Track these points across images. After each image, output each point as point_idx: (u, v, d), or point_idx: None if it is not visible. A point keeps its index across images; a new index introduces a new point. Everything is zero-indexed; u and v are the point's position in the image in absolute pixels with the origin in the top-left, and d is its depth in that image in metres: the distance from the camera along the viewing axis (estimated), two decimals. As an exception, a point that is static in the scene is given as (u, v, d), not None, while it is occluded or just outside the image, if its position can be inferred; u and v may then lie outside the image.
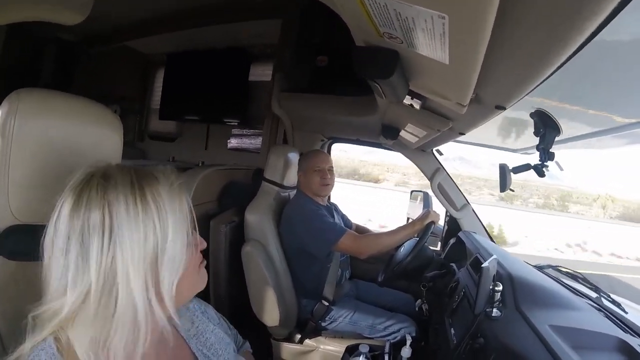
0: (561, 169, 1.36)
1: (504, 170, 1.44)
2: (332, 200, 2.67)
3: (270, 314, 1.97)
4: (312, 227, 1.98)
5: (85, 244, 0.62)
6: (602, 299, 1.51)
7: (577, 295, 1.51)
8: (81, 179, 0.66)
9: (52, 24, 1.69)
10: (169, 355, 0.79)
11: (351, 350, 1.69)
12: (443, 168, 2.42)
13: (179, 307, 0.77)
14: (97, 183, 0.65)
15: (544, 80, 0.75)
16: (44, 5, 1.60)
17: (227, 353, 0.93)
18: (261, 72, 3.34)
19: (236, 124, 3.46)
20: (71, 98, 0.91)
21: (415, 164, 2.49)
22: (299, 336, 2.09)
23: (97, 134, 0.94)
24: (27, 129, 0.81)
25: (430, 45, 0.63)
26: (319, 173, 2.16)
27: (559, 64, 0.64)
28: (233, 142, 3.53)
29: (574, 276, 1.74)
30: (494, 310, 1.24)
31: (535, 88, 0.80)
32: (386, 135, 1.99)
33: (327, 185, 2.19)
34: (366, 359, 1.51)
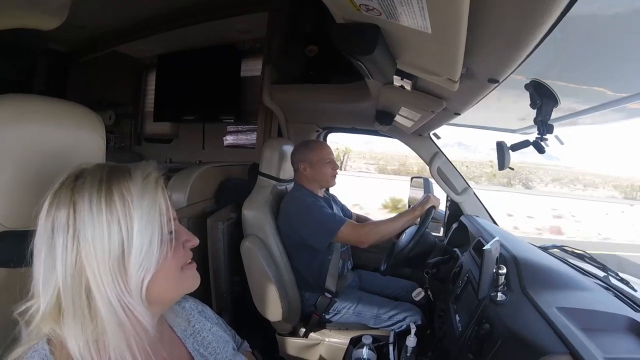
0: (561, 143, 1.32)
1: (502, 148, 1.40)
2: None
3: (273, 309, 1.94)
4: (311, 218, 1.95)
5: (52, 244, 0.62)
6: (610, 278, 1.47)
7: (584, 274, 1.47)
8: (60, 181, 0.67)
9: (42, 35, 1.66)
10: (163, 355, 0.77)
11: (355, 342, 1.66)
12: (441, 152, 2.38)
13: (162, 309, 0.76)
14: (68, 183, 0.66)
15: (534, 49, 0.71)
16: (19, 12, 1.57)
17: (225, 351, 0.91)
18: (252, 67, 3.34)
19: (231, 120, 3.44)
20: (49, 101, 0.89)
21: (413, 149, 2.44)
22: (303, 330, 2.07)
23: (78, 136, 0.92)
24: (7, 136, 0.80)
25: (408, 12, 0.59)
26: (330, 164, 2.14)
27: (545, 30, 0.62)
28: (229, 139, 3.51)
29: (580, 255, 1.71)
30: (499, 294, 1.20)
31: (526, 58, 0.76)
32: (381, 121, 1.95)
33: (335, 176, 2.18)
34: (369, 350, 1.48)
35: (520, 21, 0.61)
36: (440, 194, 2.18)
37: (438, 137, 2.39)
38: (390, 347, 1.60)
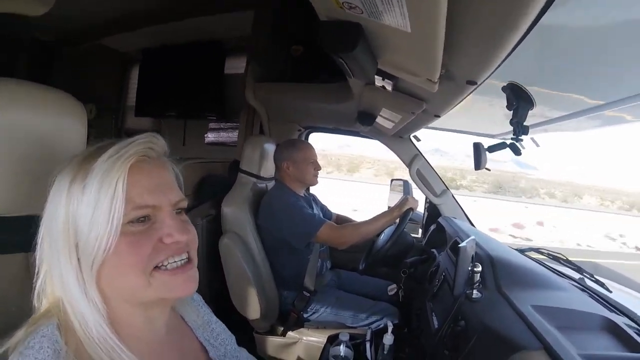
0: (537, 145, 1.36)
1: (478, 149, 1.44)
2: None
3: (251, 307, 1.94)
4: (291, 218, 1.96)
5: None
6: (586, 280, 1.51)
7: (560, 276, 1.51)
8: None
9: (26, 23, 1.62)
10: (177, 345, 0.77)
11: (332, 340, 1.67)
12: (421, 154, 2.41)
13: (148, 308, 0.69)
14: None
15: (512, 51, 0.73)
16: None
17: (232, 343, 0.92)
18: (237, 65, 3.31)
19: (213, 118, 3.42)
20: (29, 86, 0.85)
21: (393, 151, 2.47)
22: (281, 329, 2.06)
23: (59, 123, 0.88)
24: None
25: (389, 10, 0.61)
26: (313, 164, 2.16)
27: (521, 33, 0.64)
28: (210, 137, 3.50)
29: (556, 258, 1.74)
30: (474, 292, 1.22)
31: (504, 61, 0.79)
32: (362, 121, 1.97)
33: (317, 175, 2.20)
34: (347, 347, 1.49)
35: (497, 23, 0.62)
36: (419, 196, 2.21)
37: (418, 140, 2.43)
38: (367, 345, 1.62)
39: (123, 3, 3.04)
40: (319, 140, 3.11)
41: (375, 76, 1.12)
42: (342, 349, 1.48)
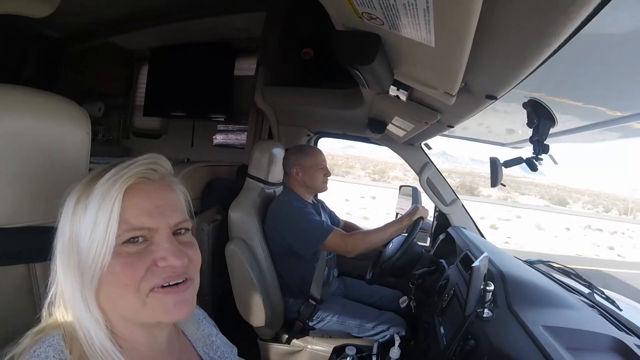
0: (555, 163, 1.32)
1: (495, 164, 1.40)
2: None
3: (256, 314, 1.92)
4: (298, 225, 1.94)
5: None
6: (595, 295, 1.47)
7: (570, 291, 1.47)
8: None
9: (34, 19, 1.61)
10: (176, 358, 0.77)
11: (338, 352, 1.64)
12: (432, 162, 2.38)
13: (146, 327, 0.69)
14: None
15: (537, 68, 0.70)
16: None
17: (233, 356, 0.92)
18: (247, 67, 3.29)
19: (222, 119, 3.40)
20: (32, 93, 0.82)
21: (403, 159, 2.45)
22: (286, 336, 2.04)
23: (62, 130, 0.86)
24: None
25: (413, 24, 0.58)
26: (323, 171, 2.13)
27: (551, 51, 0.61)
28: (219, 138, 3.47)
29: (565, 271, 1.71)
30: (485, 310, 1.19)
31: (527, 76, 0.75)
32: (373, 129, 1.94)
33: (327, 182, 2.18)
34: (353, 361, 1.46)
35: (526, 40, 0.59)
36: (428, 204, 2.18)
37: (429, 148, 2.39)
38: (374, 358, 1.59)
39: (132, 2, 3.03)
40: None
41: (390, 86, 1.09)
42: (348, 363, 1.45)
